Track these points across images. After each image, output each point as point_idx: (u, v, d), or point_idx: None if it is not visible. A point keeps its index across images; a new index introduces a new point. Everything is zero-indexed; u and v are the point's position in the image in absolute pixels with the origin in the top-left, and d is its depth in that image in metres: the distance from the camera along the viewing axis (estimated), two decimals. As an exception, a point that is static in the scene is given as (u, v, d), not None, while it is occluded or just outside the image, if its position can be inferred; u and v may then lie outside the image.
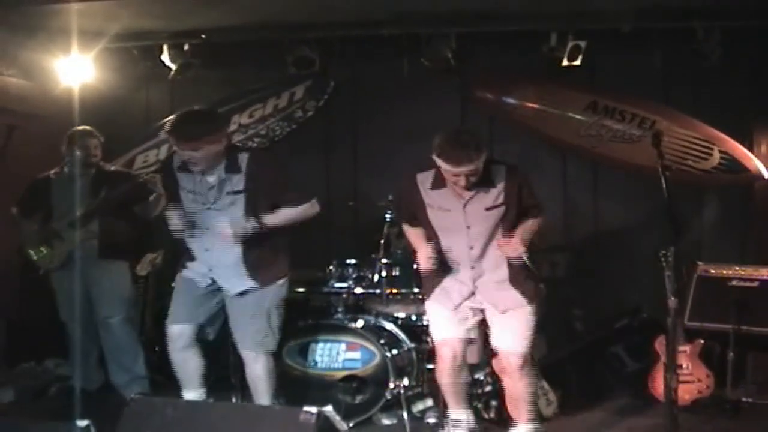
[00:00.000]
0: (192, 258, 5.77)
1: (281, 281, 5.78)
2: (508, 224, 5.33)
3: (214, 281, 5.72)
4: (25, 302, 7.77)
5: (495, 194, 5.29)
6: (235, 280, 5.67)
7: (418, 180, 5.49)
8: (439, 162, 5.15)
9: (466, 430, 5.69)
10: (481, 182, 5.26)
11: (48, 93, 7.90)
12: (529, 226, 5.36)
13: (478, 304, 5.48)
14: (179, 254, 5.95)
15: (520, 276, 5.38)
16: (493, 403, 6.26)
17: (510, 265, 5.36)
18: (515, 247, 5.25)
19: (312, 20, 7.80)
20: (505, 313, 5.38)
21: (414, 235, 5.65)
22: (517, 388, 5.50)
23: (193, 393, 5.82)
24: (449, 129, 5.29)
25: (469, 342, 5.64)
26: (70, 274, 6.75)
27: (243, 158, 5.60)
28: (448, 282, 5.48)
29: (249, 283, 5.65)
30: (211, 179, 5.57)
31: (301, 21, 7.80)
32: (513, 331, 5.39)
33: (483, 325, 5.64)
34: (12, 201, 6.94)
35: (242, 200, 5.55)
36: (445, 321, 5.54)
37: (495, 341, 5.52)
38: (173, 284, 5.92)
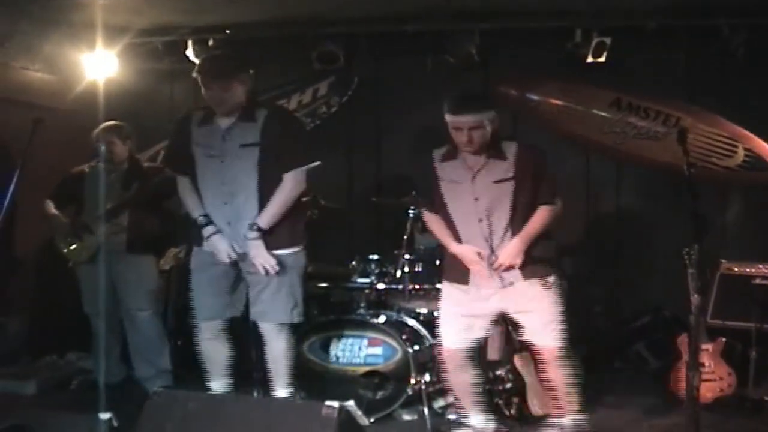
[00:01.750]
0: (208, 222, 5.67)
1: (298, 249, 5.74)
2: (524, 204, 5.29)
3: (234, 250, 5.63)
4: (47, 295, 7.81)
5: (505, 167, 5.26)
6: None
7: (434, 155, 5.53)
8: (445, 116, 5.24)
9: None
10: (491, 153, 5.27)
11: (73, 88, 7.93)
12: (536, 221, 5.30)
13: (495, 308, 5.46)
14: (191, 232, 5.88)
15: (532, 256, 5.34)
16: (515, 400, 6.25)
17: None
18: (510, 254, 5.24)
19: (336, 16, 7.80)
20: (528, 306, 5.36)
21: (436, 224, 5.58)
22: (556, 378, 5.48)
23: (218, 383, 5.84)
24: None
25: (484, 339, 5.66)
26: (97, 268, 6.80)
27: (261, 112, 5.62)
28: (468, 282, 5.45)
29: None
30: (223, 126, 5.58)
31: (326, 17, 7.81)
32: (539, 322, 5.37)
33: (506, 320, 5.64)
34: (37, 195, 6.97)
35: (256, 156, 5.53)
36: (452, 327, 5.54)
37: (525, 336, 5.52)
38: (190, 266, 5.91)
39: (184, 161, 5.74)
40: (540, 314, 5.35)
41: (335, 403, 4.57)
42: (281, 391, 5.80)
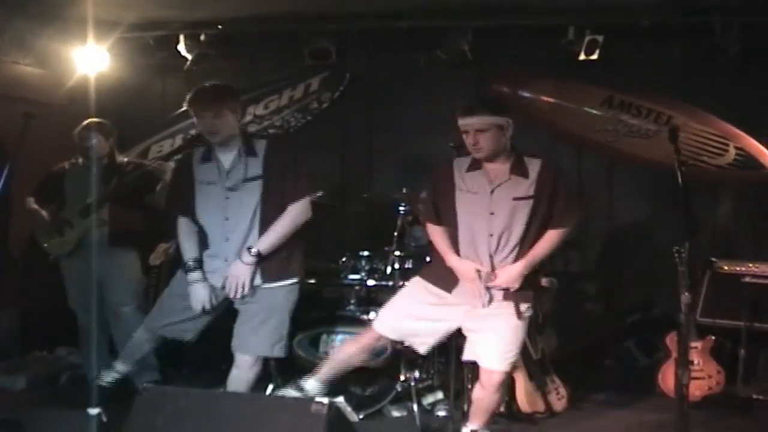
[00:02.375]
0: (196, 267, 5.68)
1: (292, 282, 5.72)
2: (537, 224, 5.23)
3: (213, 308, 5.67)
4: (37, 291, 7.79)
5: (527, 185, 5.19)
6: None
7: (455, 164, 5.43)
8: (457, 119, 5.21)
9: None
10: (514, 171, 5.21)
11: (64, 82, 7.92)
12: (543, 245, 5.24)
13: (456, 323, 5.38)
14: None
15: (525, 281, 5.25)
16: (505, 397, 6.26)
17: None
18: (511, 277, 5.18)
19: (329, 12, 7.80)
20: (490, 326, 5.23)
21: (438, 237, 5.47)
22: (492, 401, 5.36)
23: (122, 366, 5.94)
24: None
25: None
26: (80, 262, 6.79)
27: (261, 144, 5.65)
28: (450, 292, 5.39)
29: (258, 278, 5.58)
30: (227, 163, 5.59)
31: (318, 12, 7.80)
32: (494, 344, 5.23)
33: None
34: (28, 189, 6.97)
35: (259, 186, 5.54)
36: (398, 316, 5.49)
37: (472, 355, 5.35)
38: (174, 278, 5.91)
39: (187, 202, 5.75)
40: (498, 337, 5.20)
41: (325, 400, 4.57)
42: None
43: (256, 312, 5.61)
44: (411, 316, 5.44)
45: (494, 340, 5.20)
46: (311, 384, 5.59)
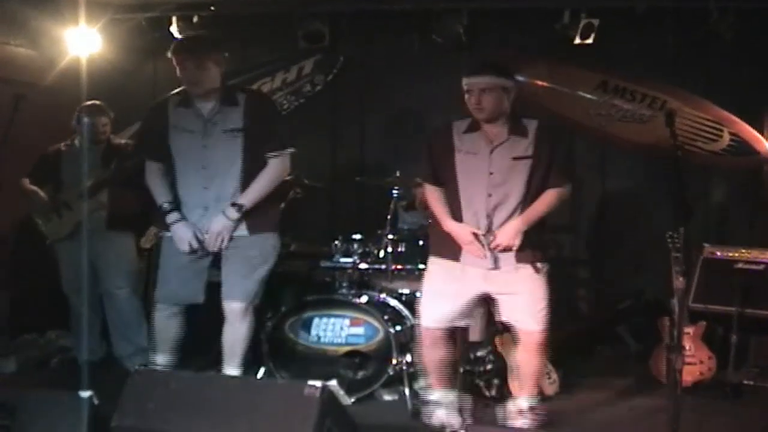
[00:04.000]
0: (172, 208, 5.64)
1: (271, 235, 5.73)
2: (537, 185, 5.25)
3: (200, 243, 5.59)
4: (27, 274, 7.76)
5: (525, 144, 5.23)
6: None
7: (454, 126, 5.45)
8: (462, 81, 5.26)
9: (448, 410, 5.66)
10: (512, 130, 5.25)
11: (55, 64, 7.87)
12: (541, 203, 5.26)
13: (481, 290, 5.41)
14: (154, 216, 5.87)
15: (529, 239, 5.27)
16: (495, 381, 6.26)
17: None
18: (508, 235, 5.19)
19: (323, -6, 7.79)
20: (515, 288, 5.29)
21: (435, 199, 5.50)
22: (536, 363, 5.46)
23: (162, 357, 5.80)
24: None
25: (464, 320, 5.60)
26: (77, 245, 6.77)
27: (241, 96, 5.63)
28: (459, 264, 5.39)
29: (244, 229, 5.59)
30: (205, 110, 5.57)
31: (312, -5, 7.79)
32: (524, 305, 5.32)
33: (488, 301, 5.61)
34: (19, 171, 6.93)
35: (240, 140, 5.53)
36: (433, 305, 5.49)
37: (508, 318, 5.44)
38: (161, 248, 5.88)
39: (158, 147, 5.69)
40: (526, 297, 5.29)
41: (317, 383, 4.55)
42: (232, 371, 5.74)
43: (246, 260, 5.61)
44: (442, 296, 5.45)
45: (525, 300, 5.30)
46: (438, 394, 5.66)
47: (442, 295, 5.45)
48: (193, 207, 5.64)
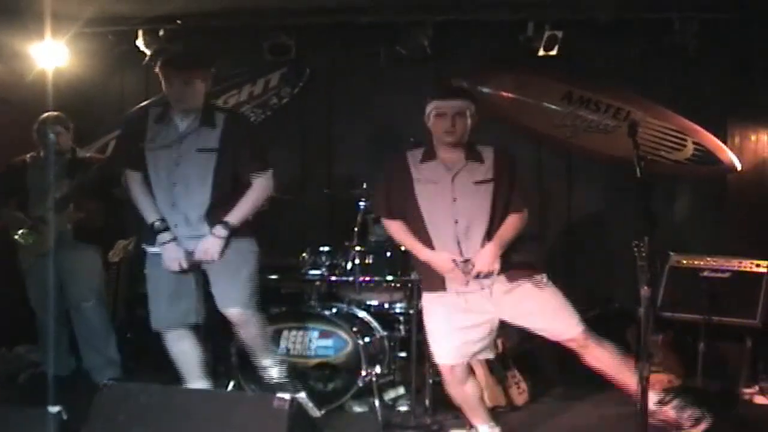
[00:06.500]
0: (164, 228, 5.58)
1: (246, 240, 5.68)
2: (501, 208, 5.24)
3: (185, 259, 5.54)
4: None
5: (484, 169, 5.22)
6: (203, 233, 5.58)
7: (408, 156, 5.39)
8: (429, 103, 5.21)
9: None
10: (469, 155, 5.24)
11: (22, 77, 7.85)
12: (508, 227, 5.23)
13: (492, 317, 5.30)
14: (143, 231, 5.77)
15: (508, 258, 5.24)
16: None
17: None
18: (486, 261, 5.13)
19: (288, 7, 7.80)
20: (526, 308, 5.23)
21: (400, 231, 5.42)
22: (602, 358, 5.33)
23: (198, 385, 5.73)
24: None
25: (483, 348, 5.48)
26: (43, 259, 6.73)
27: (220, 117, 5.60)
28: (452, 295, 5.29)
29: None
30: (182, 127, 5.55)
31: (278, 7, 7.80)
32: (545, 320, 5.26)
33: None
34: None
35: (214, 160, 5.49)
36: (447, 343, 5.33)
37: (543, 333, 5.35)
38: (145, 270, 5.83)
39: (138, 157, 5.64)
40: (541, 313, 5.24)
41: (286, 395, 4.56)
42: (266, 362, 5.77)
43: (225, 264, 5.56)
44: (448, 331, 5.31)
45: (547, 315, 5.25)
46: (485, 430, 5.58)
47: (445, 330, 5.31)
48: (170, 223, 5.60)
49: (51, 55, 7.88)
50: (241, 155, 5.55)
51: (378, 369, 6.29)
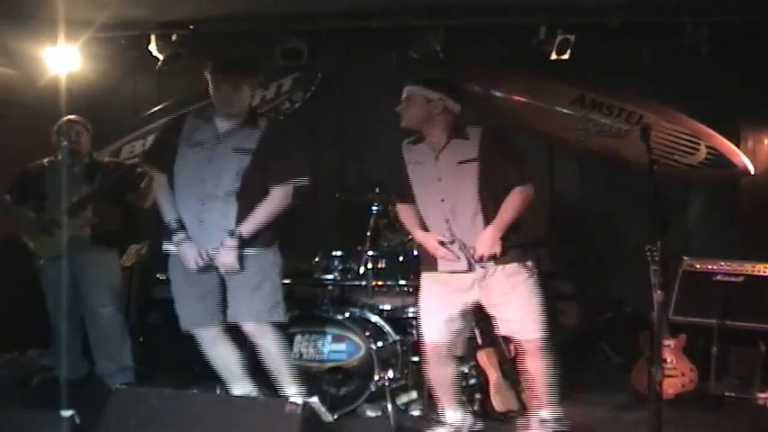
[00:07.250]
0: (179, 227, 5.58)
1: (268, 250, 5.65)
2: (493, 188, 5.27)
3: (202, 257, 5.51)
4: (7, 291, 7.72)
5: (468, 148, 5.29)
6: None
7: (403, 143, 5.62)
8: None
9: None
10: (453, 134, 5.34)
11: (35, 82, 7.88)
12: (509, 206, 5.25)
13: (474, 299, 5.41)
14: (164, 230, 5.73)
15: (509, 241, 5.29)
16: (477, 396, 6.27)
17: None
18: (487, 244, 5.18)
19: (301, 11, 7.80)
20: (507, 298, 5.30)
21: (404, 215, 5.60)
22: (543, 367, 5.40)
23: (238, 388, 5.73)
24: None
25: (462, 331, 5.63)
26: (61, 263, 6.73)
27: (263, 121, 5.65)
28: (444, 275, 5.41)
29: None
30: (222, 128, 5.56)
31: (290, 12, 7.80)
32: (519, 314, 5.32)
33: (477, 311, 5.61)
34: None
35: (247, 161, 5.48)
36: (434, 321, 5.47)
37: (508, 331, 5.49)
38: (159, 275, 5.82)
39: (168, 158, 5.65)
40: (519, 305, 5.30)
41: (299, 400, 4.56)
42: (288, 389, 5.67)
43: (248, 279, 5.54)
44: (435, 309, 5.47)
45: (522, 309, 5.32)
46: (452, 415, 5.69)
47: (435, 307, 5.47)
48: (189, 221, 5.58)
49: (64, 60, 7.92)
50: (269, 162, 5.54)
51: (390, 373, 6.28)
